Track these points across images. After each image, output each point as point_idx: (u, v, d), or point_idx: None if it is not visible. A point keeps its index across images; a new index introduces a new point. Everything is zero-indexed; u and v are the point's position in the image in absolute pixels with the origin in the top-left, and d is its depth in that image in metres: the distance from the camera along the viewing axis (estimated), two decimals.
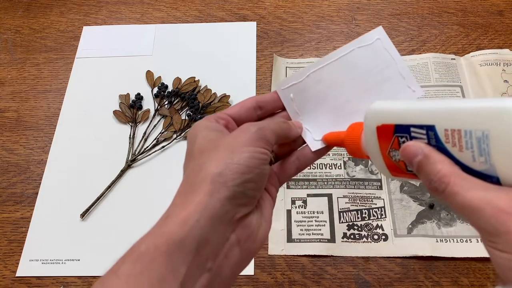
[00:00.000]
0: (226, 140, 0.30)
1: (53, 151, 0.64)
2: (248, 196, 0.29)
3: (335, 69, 0.35)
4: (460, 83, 0.66)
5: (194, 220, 0.26)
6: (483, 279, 0.52)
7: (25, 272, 0.55)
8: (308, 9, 0.77)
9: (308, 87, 0.35)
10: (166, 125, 0.65)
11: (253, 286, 0.53)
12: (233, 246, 0.28)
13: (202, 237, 0.26)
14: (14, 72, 0.72)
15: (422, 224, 0.55)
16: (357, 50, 0.35)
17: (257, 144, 0.29)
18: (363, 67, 0.34)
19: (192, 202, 0.27)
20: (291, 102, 0.35)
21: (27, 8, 0.80)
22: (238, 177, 0.28)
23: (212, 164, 0.28)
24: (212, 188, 0.27)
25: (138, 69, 0.71)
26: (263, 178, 0.30)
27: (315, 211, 0.57)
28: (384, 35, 0.35)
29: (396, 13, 0.76)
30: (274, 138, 0.31)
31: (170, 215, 0.27)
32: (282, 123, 0.33)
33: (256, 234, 0.30)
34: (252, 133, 0.30)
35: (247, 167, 0.28)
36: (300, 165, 0.35)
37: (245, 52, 0.72)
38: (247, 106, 0.35)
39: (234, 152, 0.28)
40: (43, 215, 0.59)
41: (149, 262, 0.25)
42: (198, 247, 0.26)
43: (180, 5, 0.79)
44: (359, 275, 0.53)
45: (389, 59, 0.34)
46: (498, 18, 0.74)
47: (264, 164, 0.29)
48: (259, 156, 0.29)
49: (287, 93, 0.35)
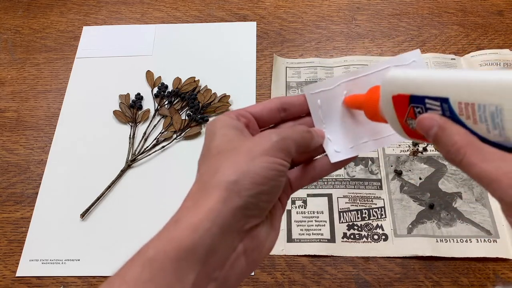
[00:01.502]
0: (246, 145, 0.29)
1: (53, 151, 0.64)
2: (260, 207, 0.28)
3: (367, 83, 0.34)
4: None
5: (205, 228, 0.25)
6: (483, 279, 0.52)
7: (25, 272, 0.55)
8: (308, 9, 0.77)
9: (336, 96, 0.35)
10: (166, 125, 0.65)
11: (253, 286, 0.53)
12: (239, 256, 0.28)
13: (212, 246, 0.25)
14: (14, 72, 0.72)
15: (422, 224, 0.55)
16: (392, 68, 0.34)
17: (277, 154, 0.28)
18: None
19: (203, 208, 0.26)
20: (317, 109, 0.34)
21: (27, 8, 0.80)
22: (253, 187, 0.27)
23: (229, 170, 0.27)
24: (225, 195, 0.26)
25: (138, 69, 0.71)
26: (278, 190, 0.29)
27: (315, 211, 0.57)
28: (421, 58, 0.34)
29: (396, 13, 0.76)
30: (295, 149, 0.30)
31: (180, 218, 0.26)
32: (305, 132, 0.32)
33: (264, 245, 0.29)
34: (273, 142, 0.29)
35: (264, 178, 0.27)
36: (316, 175, 0.34)
37: (245, 52, 0.72)
38: (271, 107, 0.33)
39: (253, 160, 0.28)
40: (43, 215, 0.59)
41: (158, 268, 0.24)
42: (207, 256, 0.25)
43: (180, 5, 0.79)
44: (359, 275, 0.53)
45: None
46: (498, 18, 0.74)
47: (281, 177, 0.29)
48: (277, 167, 0.28)
49: (315, 98, 0.34)
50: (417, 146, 0.61)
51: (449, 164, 0.60)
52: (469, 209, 0.56)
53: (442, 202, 0.57)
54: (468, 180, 0.58)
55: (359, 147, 0.34)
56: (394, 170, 0.60)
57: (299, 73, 0.69)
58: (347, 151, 0.34)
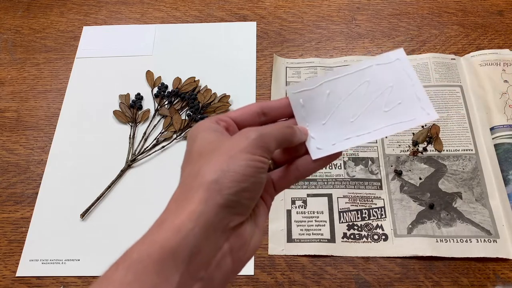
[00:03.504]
0: (225, 145, 0.29)
1: (53, 151, 0.64)
2: (243, 205, 0.28)
3: (350, 82, 0.35)
4: (460, 83, 0.66)
5: (188, 229, 0.26)
6: (483, 279, 0.52)
7: (25, 272, 0.55)
8: (308, 9, 0.77)
9: (319, 95, 0.35)
10: (166, 125, 0.65)
11: (253, 286, 0.53)
12: (225, 255, 0.28)
13: (196, 246, 0.26)
14: (14, 72, 0.72)
15: (422, 224, 0.55)
16: (375, 67, 0.35)
17: (256, 151, 0.29)
18: (378, 85, 0.34)
19: (186, 209, 0.26)
20: (300, 108, 0.35)
21: (27, 8, 0.80)
22: (234, 185, 0.27)
23: (209, 170, 0.28)
24: (207, 196, 0.27)
25: (138, 69, 0.71)
26: (259, 187, 0.29)
27: (315, 211, 0.57)
28: (404, 57, 0.34)
29: (396, 13, 0.76)
30: (274, 145, 0.31)
31: (164, 221, 0.27)
32: (286, 128, 0.32)
33: (249, 243, 0.30)
34: (252, 139, 0.29)
35: (244, 176, 0.28)
36: (299, 174, 0.34)
37: (245, 52, 0.72)
38: (251, 111, 0.34)
39: (232, 159, 0.28)
40: (43, 215, 0.59)
41: (142, 270, 0.25)
42: (191, 256, 0.26)
43: (180, 5, 0.79)
44: (359, 275, 0.53)
45: (406, 79, 0.34)
46: (498, 18, 0.74)
47: (261, 173, 0.29)
48: (256, 164, 0.29)
49: (297, 97, 0.35)
50: (417, 146, 0.61)
51: (449, 164, 0.60)
52: (469, 209, 0.56)
53: (442, 202, 0.57)
54: (468, 180, 0.58)
55: (341, 144, 0.34)
56: (394, 170, 0.60)
57: (299, 73, 0.69)
58: (329, 147, 0.34)
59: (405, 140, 0.62)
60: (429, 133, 0.62)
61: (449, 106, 0.64)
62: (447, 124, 0.63)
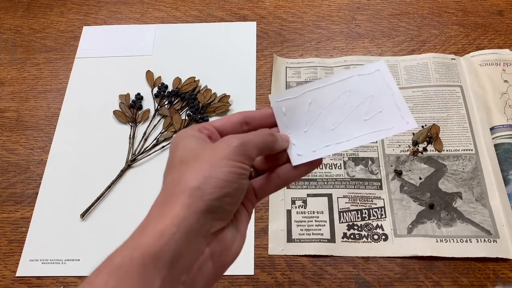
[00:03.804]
0: (207, 152, 0.30)
1: (53, 151, 0.64)
2: (224, 210, 0.29)
3: (332, 91, 0.36)
4: (460, 83, 0.66)
5: (170, 234, 0.26)
6: (483, 279, 0.52)
7: (25, 272, 0.55)
8: (308, 9, 0.77)
9: (301, 104, 0.36)
10: (166, 125, 0.65)
11: (253, 286, 0.53)
12: (206, 260, 0.28)
13: (178, 251, 0.26)
14: (14, 72, 0.72)
15: (422, 224, 0.55)
16: (356, 77, 0.35)
17: (237, 158, 0.29)
18: (359, 94, 0.35)
19: (168, 215, 0.27)
20: (282, 116, 0.36)
21: (27, 8, 0.80)
22: (216, 191, 0.28)
23: (191, 177, 0.28)
24: (189, 201, 0.27)
25: (138, 69, 0.71)
26: (240, 193, 0.30)
27: (315, 211, 0.57)
28: (385, 68, 0.35)
29: (396, 13, 0.76)
30: (256, 152, 0.31)
31: (146, 227, 0.27)
32: (267, 135, 0.33)
33: (230, 248, 0.30)
34: (233, 146, 0.30)
35: (226, 182, 0.28)
36: (280, 182, 0.35)
37: (245, 52, 0.72)
38: (234, 121, 0.34)
39: (214, 166, 0.28)
40: (43, 215, 0.59)
41: (124, 275, 0.25)
42: (173, 261, 0.26)
43: (180, 5, 0.79)
44: (359, 275, 0.53)
45: (387, 89, 0.35)
46: (498, 18, 0.74)
47: (242, 179, 0.30)
48: (238, 171, 0.29)
49: (280, 106, 0.36)
50: (417, 146, 0.61)
51: (449, 164, 0.60)
52: (469, 209, 0.56)
53: (442, 202, 0.57)
54: (468, 180, 0.58)
55: (321, 151, 0.34)
56: (394, 170, 0.60)
57: (299, 73, 0.69)
58: (309, 154, 0.34)
59: (405, 140, 0.62)
60: (429, 133, 0.62)
61: (449, 106, 0.64)
62: (447, 124, 0.63)
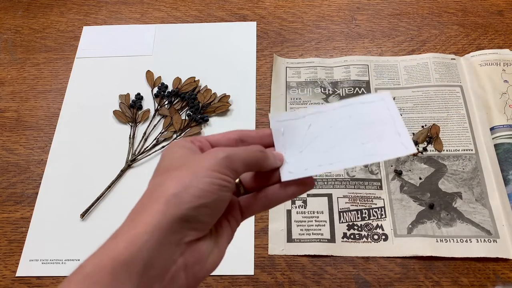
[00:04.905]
0: (192, 161, 0.29)
1: (53, 151, 0.64)
2: (200, 221, 0.28)
3: (332, 116, 0.36)
4: (460, 83, 0.66)
5: (142, 241, 0.26)
6: (483, 279, 0.52)
7: (25, 272, 0.55)
8: (308, 9, 0.77)
9: (300, 126, 0.36)
10: (166, 125, 0.65)
11: (253, 286, 0.53)
12: (179, 270, 0.27)
13: (149, 259, 0.26)
14: (14, 72, 0.72)
15: (422, 224, 0.55)
16: (358, 105, 0.36)
17: (221, 170, 0.29)
18: (359, 120, 0.35)
19: (143, 221, 0.26)
20: (280, 136, 0.36)
21: (27, 8, 0.80)
22: (193, 200, 0.27)
23: (171, 184, 0.28)
24: (164, 208, 0.27)
25: (138, 69, 0.71)
26: (220, 205, 0.29)
27: (315, 211, 0.57)
28: (390, 98, 0.35)
29: (396, 13, 0.76)
30: (242, 167, 0.30)
31: (119, 233, 0.27)
32: (257, 152, 0.32)
33: (205, 261, 0.29)
34: (219, 158, 0.29)
35: (205, 192, 0.28)
36: (268, 201, 0.34)
37: (245, 52, 0.72)
38: (230, 137, 0.34)
39: (195, 175, 0.28)
40: (43, 215, 0.59)
41: (95, 282, 0.24)
42: (145, 269, 0.25)
43: (180, 5, 0.79)
44: (359, 275, 0.53)
45: (388, 117, 0.35)
46: (498, 18, 0.74)
47: (223, 191, 0.29)
48: (220, 182, 0.28)
49: (279, 126, 0.36)
50: (417, 146, 0.61)
51: (449, 164, 0.60)
52: (469, 209, 0.56)
53: (442, 202, 0.57)
54: (468, 180, 0.58)
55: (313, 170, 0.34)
56: (394, 170, 0.60)
57: (299, 73, 0.69)
58: (301, 172, 0.33)
59: None
60: (429, 133, 0.62)
61: (449, 106, 0.64)
62: (447, 124, 0.63)
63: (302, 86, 0.68)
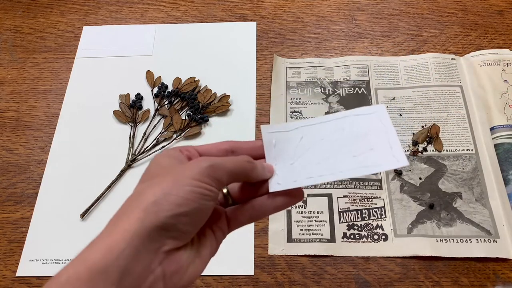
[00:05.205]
0: (176, 170, 0.29)
1: (53, 151, 0.64)
2: (180, 230, 0.27)
3: (325, 129, 0.36)
4: (460, 83, 0.66)
5: (119, 249, 0.25)
6: (483, 279, 0.52)
7: (25, 272, 0.55)
8: (308, 9, 0.77)
9: (292, 138, 0.36)
10: (166, 125, 0.65)
11: (253, 286, 0.53)
12: (158, 279, 0.27)
13: (126, 267, 0.25)
14: (14, 72, 0.72)
15: (422, 224, 0.55)
16: (352, 117, 0.35)
17: (204, 179, 0.28)
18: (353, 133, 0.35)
19: (120, 228, 0.26)
20: (271, 147, 0.35)
21: (27, 8, 0.80)
22: (172, 208, 0.27)
23: (151, 191, 0.27)
24: (143, 216, 0.26)
25: (138, 69, 0.71)
26: (201, 214, 0.29)
27: (315, 211, 0.57)
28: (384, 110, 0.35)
29: (396, 13, 0.76)
30: (226, 177, 0.30)
31: (96, 241, 0.26)
32: (244, 162, 0.32)
33: (185, 271, 0.28)
34: (202, 168, 0.29)
35: (185, 200, 0.27)
36: (254, 213, 0.33)
37: (245, 52, 0.72)
38: (220, 148, 0.33)
39: (176, 183, 0.28)
40: (43, 215, 0.59)
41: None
42: (121, 277, 0.25)
43: (180, 5, 0.79)
44: (359, 275, 0.53)
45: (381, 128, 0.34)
46: (498, 18, 0.74)
47: (205, 200, 0.28)
48: (201, 191, 0.28)
49: (271, 137, 0.36)
50: (417, 146, 0.61)
51: (449, 164, 0.60)
52: (469, 209, 0.56)
53: (442, 202, 0.57)
54: (468, 180, 0.58)
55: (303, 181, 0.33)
56: (394, 170, 0.60)
57: (299, 73, 0.69)
58: (290, 183, 0.33)
59: (405, 140, 0.62)
60: (429, 133, 0.62)
61: (449, 106, 0.64)
62: (447, 124, 0.63)
63: (302, 86, 0.68)
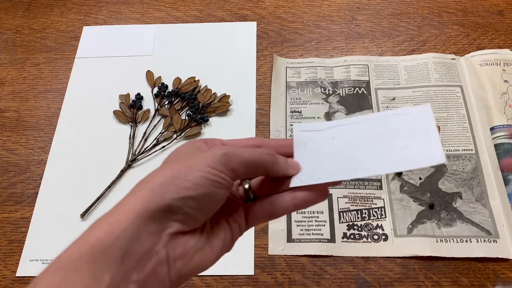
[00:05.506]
0: (192, 157, 0.29)
1: (53, 151, 0.64)
2: (186, 213, 0.27)
3: (359, 128, 0.34)
4: (460, 83, 0.66)
5: (122, 228, 0.25)
6: (483, 279, 0.52)
7: (25, 272, 0.55)
8: (308, 9, 0.77)
9: (324, 138, 0.35)
10: (166, 125, 0.65)
11: (253, 286, 0.53)
12: (162, 263, 0.26)
13: (129, 246, 0.25)
14: (14, 72, 0.72)
15: (422, 224, 0.55)
16: (391, 116, 0.34)
17: (216, 167, 0.28)
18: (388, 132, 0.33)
19: (124, 208, 0.26)
20: (302, 146, 0.35)
21: (27, 8, 0.80)
22: (179, 191, 0.27)
23: (161, 174, 0.28)
24: (149, 196, 0.26)
25: (138, 69, 0.71)
26: (210, 201, 0.28)
27: (315, 211, 0.57)
28: (429, 109, 0.33)
29: (396, 13, 0.76)
30: (242, 167, 0.29)
31: (100, 221, 0.26)
32: (265, 154, 0.31)
33: (191, 257, 0.28)
34: (216, 155, 0.28)
35: (193, 184, 0.27)
36: (272, 210, 0.32)
37: (245, 52, 0.72)
38: (249, 143, 0.33)
39: (188, 168, 0.27)
40: (43, 215, 0.59)
41: (71, 269, 0.24)
42: (124, 256, 0.25)
43: (180, 5, 0.79)
44: (359, 275, 0.53)
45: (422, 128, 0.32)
46: (498, 18, 0.74)
47: (215, 187, 0.28)
48: (213, 178, 0.28)
49: (302, 136, 0.35)
50: None
51: (449, 164, 0.60)
52: (469, 209, 0.56)
53: (442, 202, 0.57)
54: (468, 180, 0.58)
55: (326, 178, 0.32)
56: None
57: (299, 73, 0.69)
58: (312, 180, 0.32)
59: None
60: None
61: (449, 106, 0.64)
62: (447, 124, 0.63)
63: (302, 86, 0.68)
